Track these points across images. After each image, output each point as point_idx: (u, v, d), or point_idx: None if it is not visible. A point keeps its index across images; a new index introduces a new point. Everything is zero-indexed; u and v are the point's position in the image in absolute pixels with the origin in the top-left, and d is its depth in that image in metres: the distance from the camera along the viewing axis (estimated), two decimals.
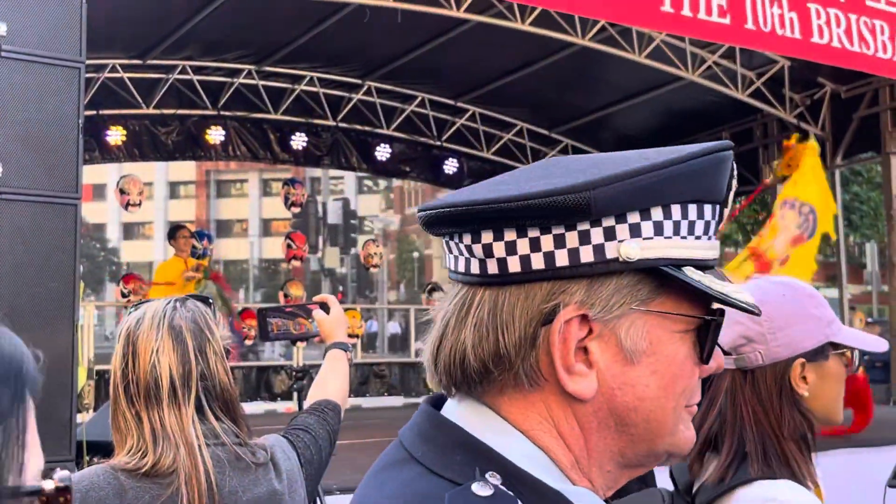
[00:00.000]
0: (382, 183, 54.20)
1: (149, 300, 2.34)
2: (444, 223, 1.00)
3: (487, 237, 0.96)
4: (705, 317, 1.00)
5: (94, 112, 13.37)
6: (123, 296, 13.93)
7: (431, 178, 17.48)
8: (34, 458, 0.81)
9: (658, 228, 0.96)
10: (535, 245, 0.95)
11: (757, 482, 1.81)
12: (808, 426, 1.90)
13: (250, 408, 13.23)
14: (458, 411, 1.01)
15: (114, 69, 13.45)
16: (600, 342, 0.97)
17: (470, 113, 16.16)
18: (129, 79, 13.71)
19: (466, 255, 0.99)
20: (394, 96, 15.62)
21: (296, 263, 16.54)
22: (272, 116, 15.08)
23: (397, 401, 15.57)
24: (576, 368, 0.96)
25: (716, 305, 1.02)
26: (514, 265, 0.96)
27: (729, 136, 15.41)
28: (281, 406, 14.09)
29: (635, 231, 0.95)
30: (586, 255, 0.95)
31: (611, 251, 0.95)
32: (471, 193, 0.98)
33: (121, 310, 15.95)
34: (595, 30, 11.76)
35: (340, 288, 43.49)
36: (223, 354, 2.27)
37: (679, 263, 0.98)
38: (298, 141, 15.41)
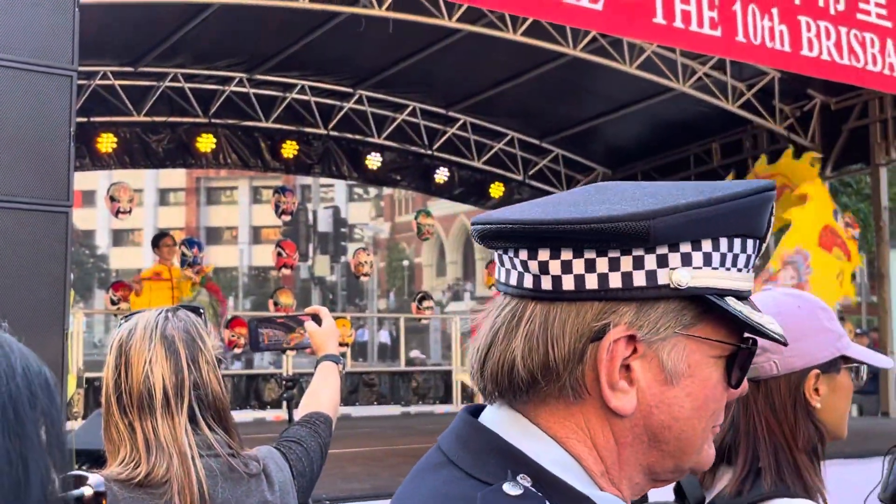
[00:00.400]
0: (373, 191, 54.21)
1: (140, 311, 2.35)
2: (502, 238, 1.05)
3: (544, 255, 1.01)
4: (740, 345, 1.07)
5: (85, 119, 13.35)
6: (113, 303, 13.90)
7: (422, 186, 17.50)
8: None
9: (707, 259, 1.02)
10: (590, 266, 1.00)
11: (776, 500, 1.81)
12: (820, 438, 1.92)
13: (240, 416, 13.20)
14: (495, 418, 1.06)
15: (105, 76, 13.44)
16: (643, 362, 1.02)
17: (461, 122, 16.19)
18: (121, 86, 13.71)
19: (521, 269, 1.04)
20: (385, 105, 15.63)
21: (286, 271, 16.52)
22: (263, 124, 15.08)
23: (387, 410, 15.56)
24: (619, 385, 1.02)
25: (748, 334, 1.08)
26: (568, 283, 1.01)
27: (719, 147, 15.48)
28: (270, 414, 14.08)
29: (686, 260, 1.01)
30: (639, 279, 1.00)
31: (662, 277, 1.00)
32: (530, 212, 1.03)
33: (110, 317, 15.93)
34: (586, 40, 11.80)
35: (330, 296, 43.46)
36: (215, 364, 2.28)
37: (722, 293, 1.03)
38: (289, 149, 15.42)
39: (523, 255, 1.03)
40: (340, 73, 14.39)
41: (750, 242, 1.05)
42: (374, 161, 16.12)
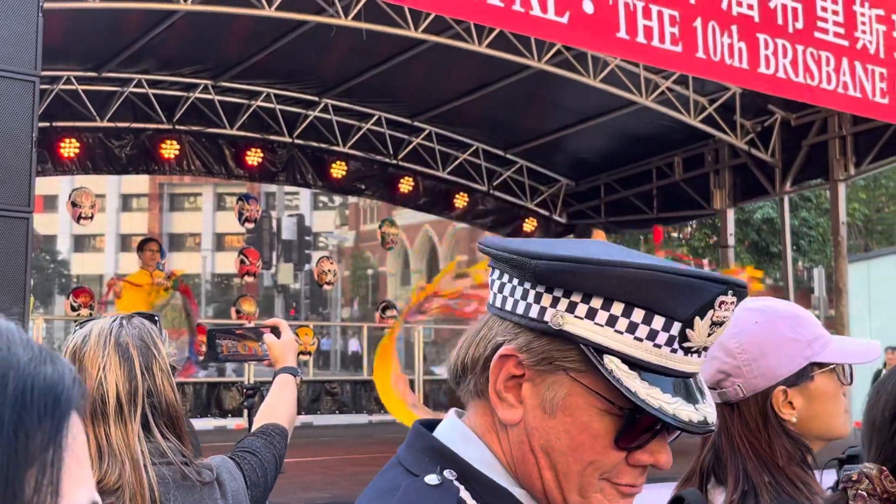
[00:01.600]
0: (338, 199, 54.09)
1: (95, 318, 2.35)
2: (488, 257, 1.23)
3: (494, 275, 1.20)
4: (618, 404, 1.10)
5: (48, 124, 13.25)
6: (73, 309, 13.78)
7: (387, 196, 17.50)
8: (81, 491, 0.73)
9: (591, 313, 1.11)
10: (511, 291, 1.16)
11: None
12: (805, 449, 1.88)
13: (200, 424, 13.14)
14: (442, 426, 1.23)
15: (68, 81, 13.36)
16: (531, 385, 1.15)
17: (426, 132, 16.22)
18: (84, 91, 13.62)
19: (490, 284, 1.23)
20: (350, 114, 15.64)
21: (249, 279, 16.44)
22: (228, 131, 15.03)
23: (349, 419, 15.54)
24: (504, 395, 1.15)
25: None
26: (497, 301, 1.19)
27: (681, 160, 15.62)
28: (231, 422, 14.02)
29: (571, 308, 1.12)
30: (533, 311, 1.14)
31: (548, 315, 1.13)
32: (506, 241, 1.20)
33: (70, 323, 15.78)
34: (551, 53, 11.88)
35: (294, 304, 43.28)
36: (170, 371, 2.29)
37: (601, 350, 1.10)
38: (254, 157, 15.37)
39: (487, 272, 1.23)
40: (306, 81, 14.38)
41: (659, 319, 1.09)
42: (338, 169, 16.10)
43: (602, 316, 1.10)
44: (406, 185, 16.82)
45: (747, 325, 1.91)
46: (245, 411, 3.36)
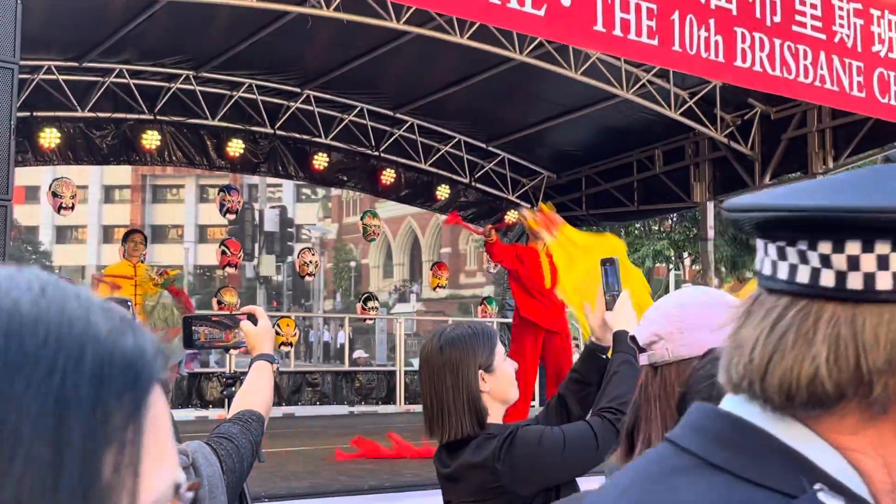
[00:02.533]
0: (321, 192, 54.10)
1: None
2: (787, 228, 0.91)
3: (853, 248, 0.87)
4: None
5: (28, 114, 13.21)
6: None
7: (369, 187, 17.51)
8: (164, 472, 0.69)
9: None
10: None
11: None
12: None
13: (182, 414, 13.16)
14: (758, 417, 0.92)
15: (49, 70, 13.31)
16: None
17: (408, 124, 16.22)
18: (65, 81, 13.57)
19: (817, 265, 0.89)
20: (332, 105, 15.63)
21: (230, 270, 16.46)
22: (209, 122, 14.99)
23: (331, 410, 15.56)
24: None
25: None
26: (884, 282, 0.86)
27: (661, 153, 15.68)
28: (213, 413, 14.01)
29: None
30: None
31: None
32: (833, 197, 0.88)
33: None
34: (532, 46, 11.90)
35: (276, 296, 43.27)
36: None
37: None
38: (235, 148, 15.34)
39: (825, 248, 0.88)
40: (288, 72, 14.37)
41: None
42: (320, 161, 16.07)
43: None
44: (388, 176, 16.82)
45: (695, 300, 2.07)
46: (226, 401, 3.38)
